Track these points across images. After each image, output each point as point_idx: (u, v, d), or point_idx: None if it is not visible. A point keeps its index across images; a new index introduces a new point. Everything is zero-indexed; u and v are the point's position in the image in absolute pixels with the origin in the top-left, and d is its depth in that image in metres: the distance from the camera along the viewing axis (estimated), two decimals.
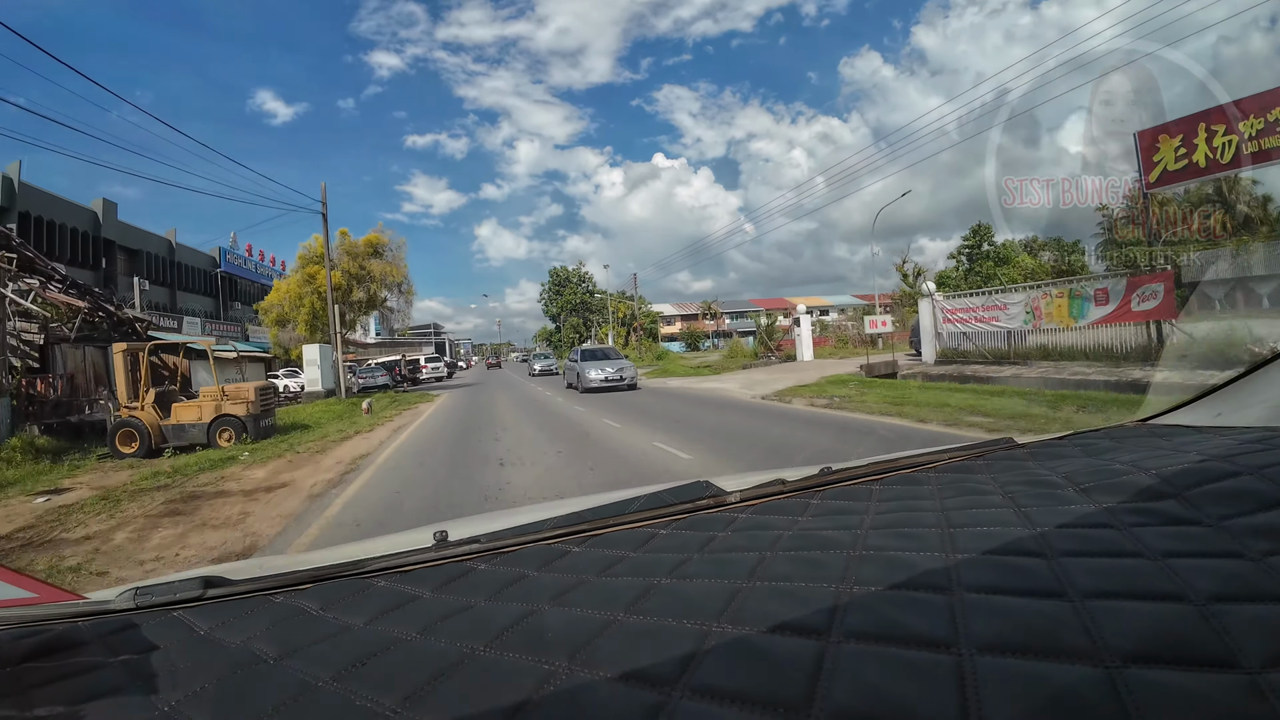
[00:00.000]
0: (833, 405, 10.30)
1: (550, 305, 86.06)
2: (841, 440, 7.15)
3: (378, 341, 79.69)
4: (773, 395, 12.36)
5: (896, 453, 1.01)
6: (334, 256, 22.02)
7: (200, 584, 0.71)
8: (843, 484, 0.86)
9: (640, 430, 8.93)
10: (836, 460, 1.03)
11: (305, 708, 0.45)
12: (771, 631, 0.45)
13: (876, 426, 7.95)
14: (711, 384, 16.98)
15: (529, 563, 0.69)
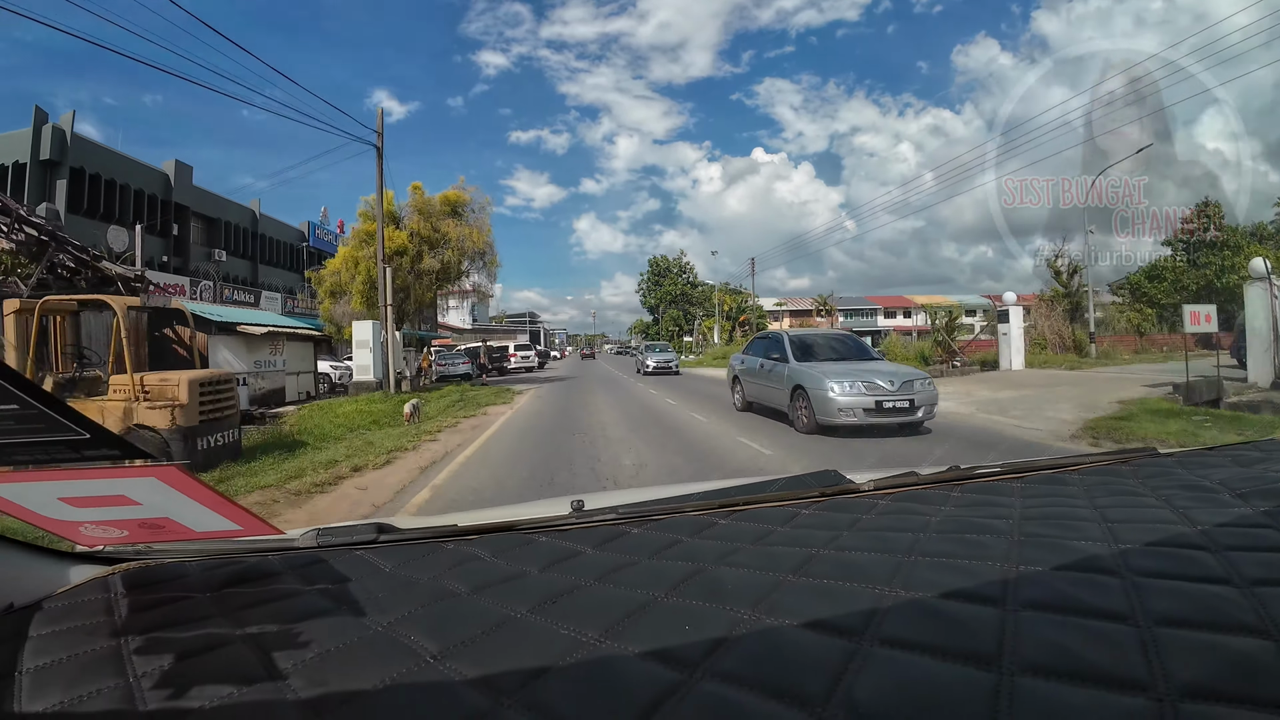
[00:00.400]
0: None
1: (648, 296, 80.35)
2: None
3: (473, 328, 77.86)
4: (1078, 432, 7.02)
5: (1032, 456, 1.06)
6: (402, 215, 17.08)
7: (374, 529, 0.78)
8: (981, 480, 0.89)
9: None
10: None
11: (512, 633, 0.50)
12: (945, 597, 0.49)
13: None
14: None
15: (680, 530, 0.73)
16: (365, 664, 0.47)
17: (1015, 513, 0.70)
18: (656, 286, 78.76)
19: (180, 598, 0.61)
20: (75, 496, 0.50)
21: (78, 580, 0.65)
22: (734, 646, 0.46)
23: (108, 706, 0.45)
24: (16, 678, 0.48)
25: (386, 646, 0.49)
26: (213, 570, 0.66)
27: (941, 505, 0.77)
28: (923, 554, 0.58)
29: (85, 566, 0.67)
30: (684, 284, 78.07)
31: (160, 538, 0.58)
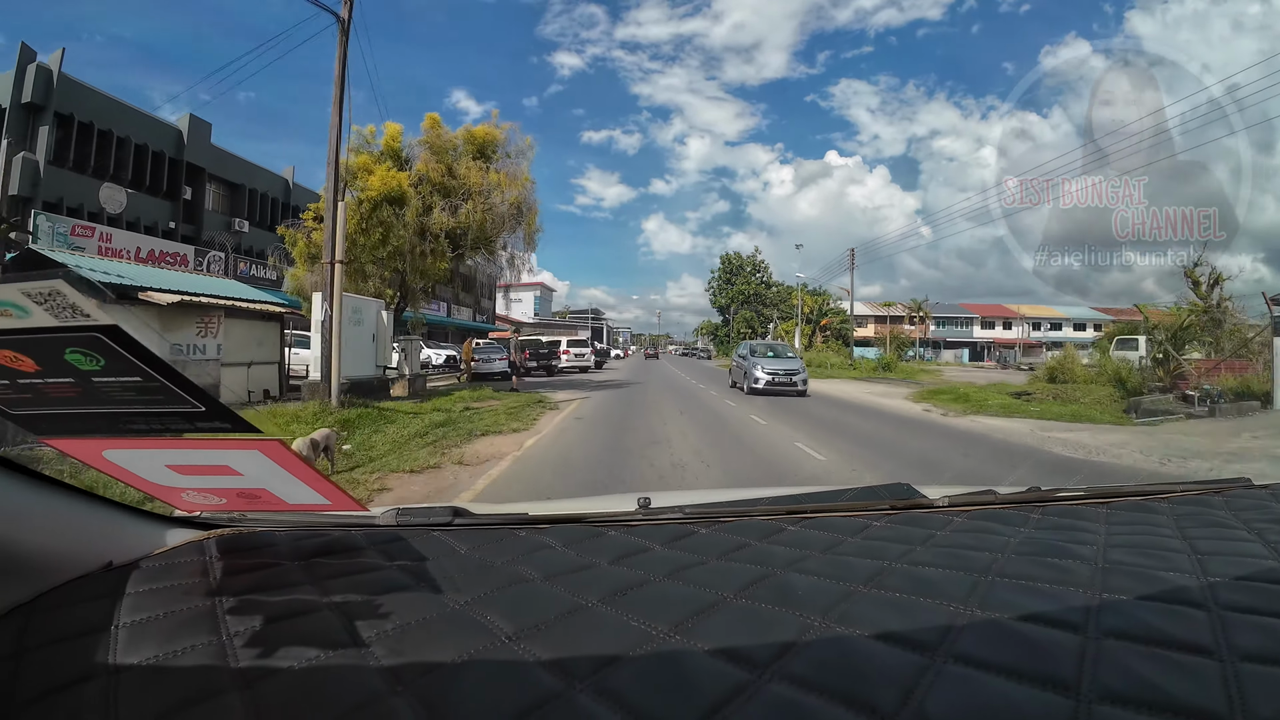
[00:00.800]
0: None
1: (718, 295, 74.19)
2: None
3: (535, 322, 73.60)
4: None
5: (1117, 483, 1.06)
6: (410, 156, 12.25)
7: (450, 512, 0.81)
8: (1063, 503, 0.87)
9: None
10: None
11: (584, 621, 0.51)
12: (1024, 619, 0.48)
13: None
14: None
15: (749, 533, 0.73)
16: (443, 639, 0.49)
17: (1100, 539, 0.69)
18: (728, 285, 72.47)
19: (271, 564, 0.64)
20: (182, 464, 0.54)
21: (173, 543, 0.68)
22: (804, 651, 0.46)
23: (201, 662, 0.47)
24: (113, 631, 0.51)
25: (463, 624, 0.51)
26: (301, 540, 0.70)
27: (1020, 526, 0.76)
28: (1001, 574, 0.58)
29: (181, 530, 0.70)
30: (757, 283, 71.62)
31: (255, 507, 0.63)
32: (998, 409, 11.12)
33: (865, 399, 13.85)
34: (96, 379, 0.41)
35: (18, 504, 0.56)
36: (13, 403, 0.43)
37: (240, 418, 0.46)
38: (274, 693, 0.43)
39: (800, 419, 9.28)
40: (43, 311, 0.36)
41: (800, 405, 11.56)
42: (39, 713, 0.45)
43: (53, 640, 0.51)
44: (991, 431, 8.64)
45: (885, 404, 12.48)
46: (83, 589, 0.57)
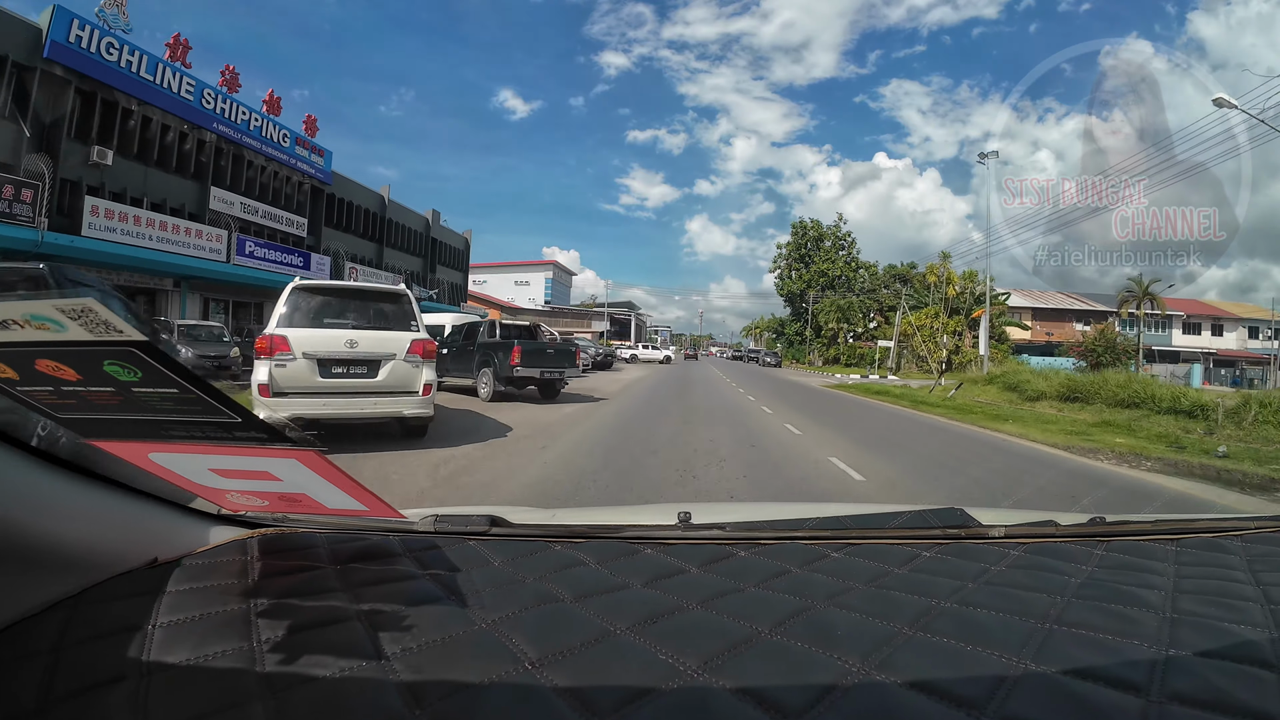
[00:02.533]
0: None
1: (788, 278, 53.24)
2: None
3: (549, 309, 55.26)
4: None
5: (1188, 514, 1.03)
6: None
7: (487, 521, 0.81)
8: (1129, 538, 0.84)
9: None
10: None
11: (610, 650, 0.51)
12: (1082, 677, 0.46)
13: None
14: None
15: (790, 558, 0.72)
16: (466, 660, 0.50)
17: (1169, 583, 0.66)
18: (802, 264, 51.19)
19: (308, 567, 0.66)
20: (225, 469, 0.56)
21: (218, 540, 0.70)
22: (839, 700, 0.44)
23: (230, 666, 0.48)
24: (149, 631, 0.52)
25: (488, 645, 0.52)
26: (339, 544, 0.72)
27: (1083, 564, 0.72)
28: (1059, 622, 0.55)
29: (226, 528, 0.73)
30: (843, 263, 50.69)
31: (296, 509, 0.65)
32: None
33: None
34: (136, 389, 0.43)
35: (65, 499, 0.58)
36: (58, 407, 0.46)
37: (276, 430, 0.49)
38: (298, 704, 0.45)
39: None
40: (77, 326, 0.38)
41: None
42: (73, 710, 0.46)
43: (92, 637, 0.52)
44: None
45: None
46: (126, 585, 0.59)
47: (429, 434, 6.08)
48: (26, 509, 0.54)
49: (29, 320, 0.38)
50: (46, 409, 0.47)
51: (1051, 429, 9.95)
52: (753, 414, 10.56)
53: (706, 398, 13.65)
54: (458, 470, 4.93)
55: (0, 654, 0.52)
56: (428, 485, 4.40)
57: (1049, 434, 9.32)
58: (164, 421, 0.47)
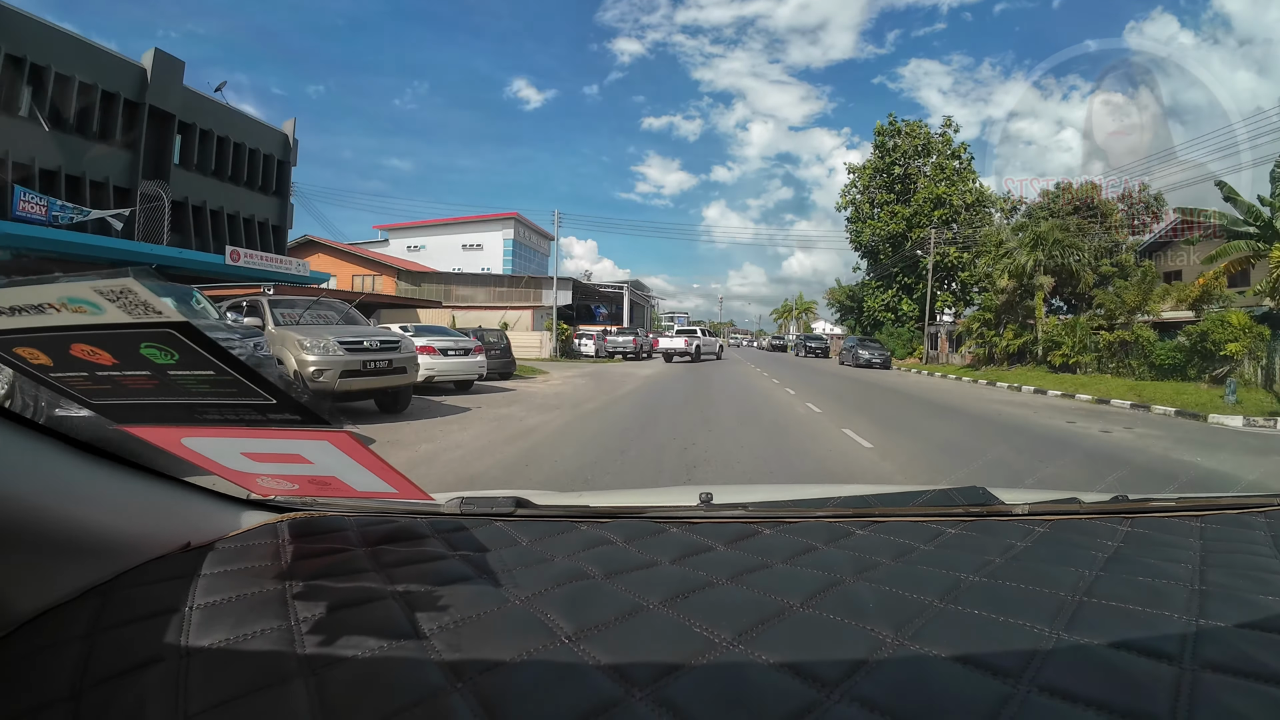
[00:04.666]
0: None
1: (863, 220, 30.71)
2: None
3: (504, 282, 34.34)
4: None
5: (1211, 492, 1.12)
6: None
7: (513, 503, 0.84)
8: (1154, 515, 0.86)
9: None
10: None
11: (645, 624, 0.53)
12: (1116, 647, 0.48)
13: None
14: None
15: (814, 536, 0.74)
16: (504, 636, 0.51)
17: (1194, 557, 0.68)
18: (892, 194, 28.82)
19: (340, 549, 0.68)
20: (257, 452, 0.58)
21: (249, 524, 0.73)
22: (875, 671, 0.46)
23: (269, 647, 0.50)
24: (186, 613, 0.54)
25: (524, 621, 0.54)
26: (369, 526, 0.75)
27: (1108, 540, 0.74)
28: (1088, 594, 0.57)
29: (256, 512, 0.76)
30: (967, 191, 28.81)
31: (325, 493, 0.66)
32: None
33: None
34: (172, 371, 0.44)
35: (96, 486, 0.60)
36: (92, 393, 0.47)
37: (310, 411, 0.50)
38: (337, 681, 0.46)
39: None
40: (115, 309, 0.38)
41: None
42: (108, 693, 0.47)
43: (127, 620, 0.54)
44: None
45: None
46: (160, 569, 0.61)
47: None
48: (58, 497, 0.56)
49: (65, 303, 0.38)
50: (80, 395, 0.48)
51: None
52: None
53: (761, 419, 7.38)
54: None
55: (35, 640, 0.54)
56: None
57: None
58: (198, 405, 0.49)
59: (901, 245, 32.82)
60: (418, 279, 31.65)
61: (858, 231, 35.73)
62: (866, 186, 35.33)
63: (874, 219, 34.71)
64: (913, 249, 31.96)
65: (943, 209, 32.24)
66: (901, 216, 32.96)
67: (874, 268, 35.51)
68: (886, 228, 33.55)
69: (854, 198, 36.15)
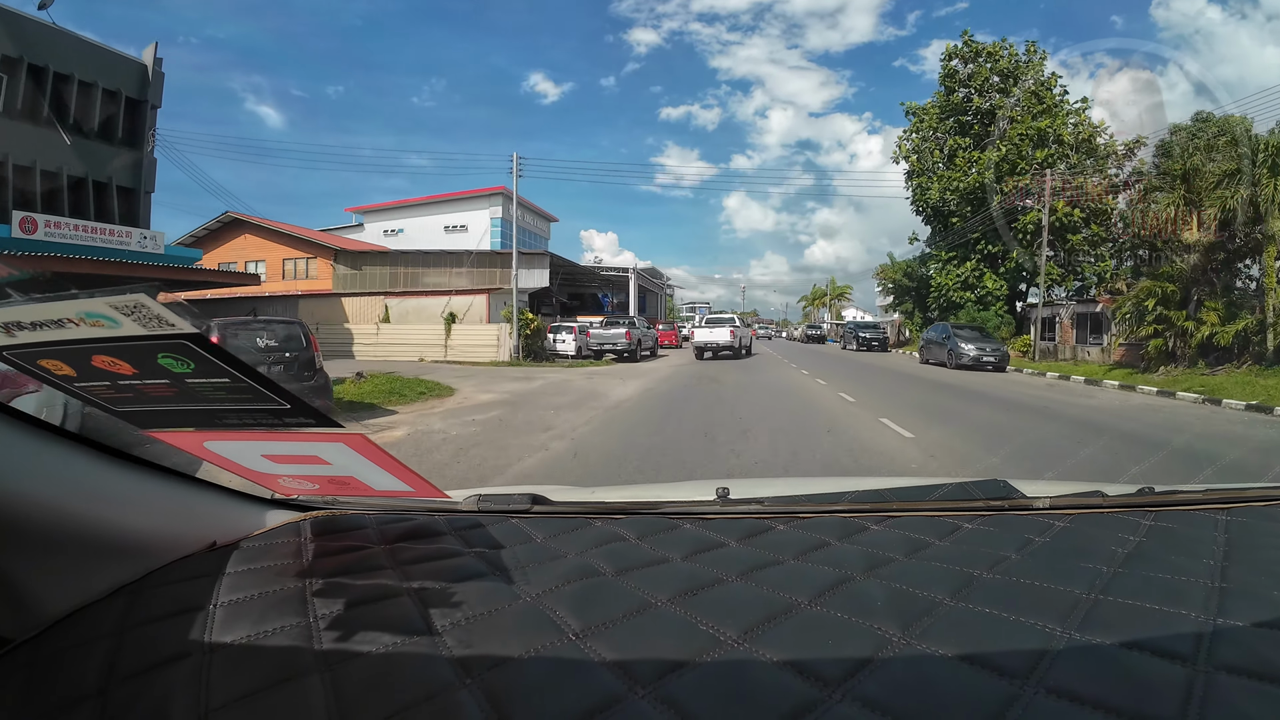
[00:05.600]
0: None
1: (929, 173, 20.93)
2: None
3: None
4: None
5: (1239, 483, 1.02)
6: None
7: (529, 499, 0.84)
8: (1178, 508, 0.84)
9: None
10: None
11: (651, 621, 0.54)
12: (1128, 647, 0.47)
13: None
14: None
15: (828, 531, 0.74)
16: (513, 632, 0.53)
17: (1218, 553, 0.66)
18: (968, 140, 18.50)
19: (359, 547, 0.70)
20: (276, 454, 0.60)
21: (273, 524, 0.76)
22: (879, 670, 0.46)
23: (288, 642, 0.52)
24: (211, 610, 0.56)
25: (533, 618, 0.55)
26: (387, 524, 0.76)
27: (1130, 534, 0.72)
28: (1104, 592, 0.56)
29: (280, 512, 0.78)
30: (1076, 121, 19.76)
31: (345, 492, 0.68)
32: None
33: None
34: (189, 380, 0.46)
35: (125, 489, 0.63)
36: (115, 401, 0.50)
37: (324, 414, 0.52)
38: (351, 677, 0.48)
39: None
40: (131, 322, 0.40)
41: None
42: (135, 689, 0.49)
43: (154, 618, 0.57)
44: None
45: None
46: (186, 568, 0.64)
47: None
48: (89, 501, 0.59)
49: (83, 318, 0.41)
50: (104, 403, 0.50)
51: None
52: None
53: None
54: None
55: (66, 638, 0.56)
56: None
57: None
58: (217, 410, 0.51)
59: (983, 203, 25.17)
60: (357, 260, 25.45)
61: (922, 188, 27.73)
62: (933, 129, 27.64)
63: (946, 170, 26.74)
64: (1008, 203, 23.88)
65: (1045, 149, 24.42)
66: (985, 164, 25.26)
67: (942, 235, 27.99)
68: (963, 180, 25.91)
69: (915, 145, 28.53)
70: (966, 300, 26.47)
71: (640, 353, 20.61)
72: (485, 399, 10.40)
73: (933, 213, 28.08)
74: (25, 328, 0.42)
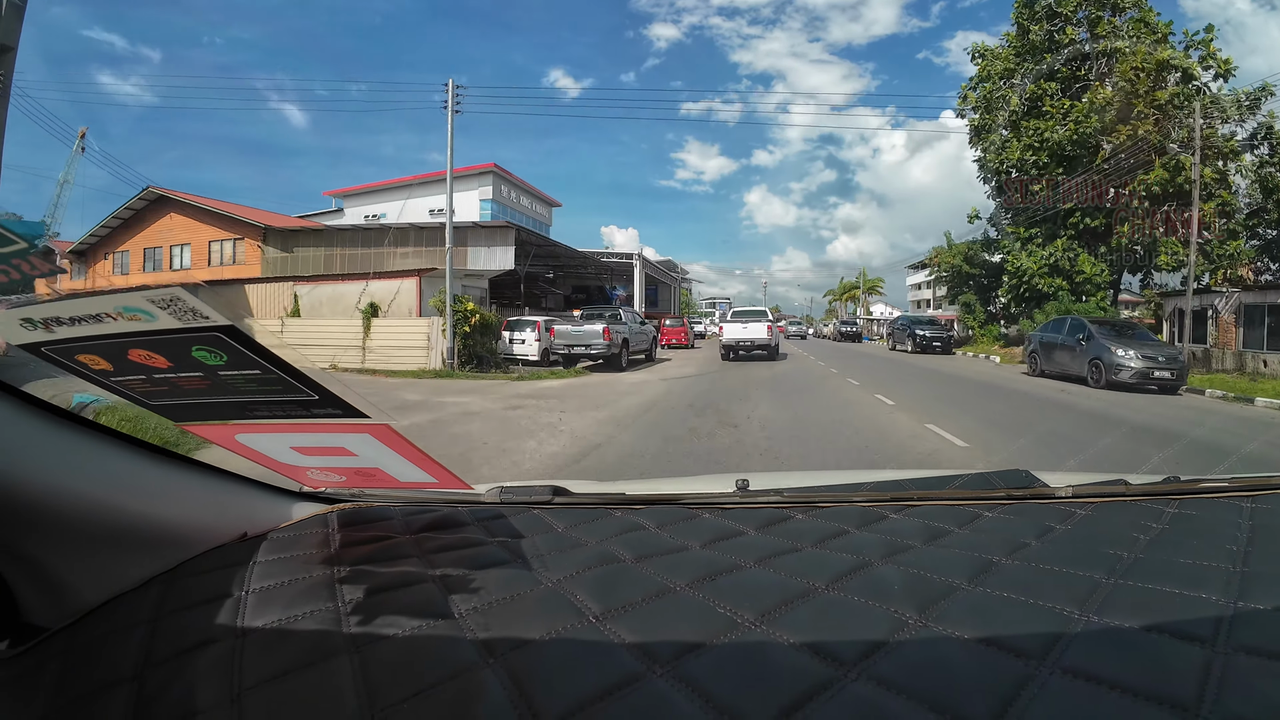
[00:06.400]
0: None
1: (1005, 128, 13.52)
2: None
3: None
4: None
5: (1265, 472, 1.00)
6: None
7: (550, 491, 0.87)
8: (1203, 496, 0.85)
9: None
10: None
11: (671, 605, 0.55)
12: (1147, 630, 0.48)
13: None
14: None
15: (847, 520, 0.75)
16: (534, 615, 0.55)
17: (1241, 539, 0.66)
18: (1056, 85, 10.96)
19: (385, 537, 0.72)
20: (304, 446, 0.62)
21: (300, 515, 0.78)
22: (894, 651, 0.47)
23: (317, 627, 0.54)
24: (242, 597, 0.58)
25: (554, 602, 0.57)
26: (413, 515, 0.78)
27: (1153, 522, 0.72)
28: (1125, 577, 0.57)
29: (307, 504, 0.81)
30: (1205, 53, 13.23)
31: (371, 484, 0.71)
32: None
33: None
34: (222, 372, 0.48)
35: (159, 482, 0.65)
36: (151, 394, 0.51)
37: (350, 405, 0.54)
38: (379, 658, 0.50)
39: None
40: (167, 315, 0.42)
41: None
42: (170, 672, 0.52)
43: (188, 605, 0.59)
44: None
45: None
46: (218, 558, 0.66)
47: None
48: (124, 493, 0.61)
49: (121, 313, 0.42)
50: (139, 397, 0.52)
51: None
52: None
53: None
54: None
55: (103, 625, 0.59)
56: None
57: None
58: (248, 403, 0.53)
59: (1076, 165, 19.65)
60: (289, 240, 21.24)
61: (995, 147, 22.05)
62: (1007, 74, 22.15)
63: (1031, 120, 21.19)
64: (1124, 153, 18.46)
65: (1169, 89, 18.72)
66: (1084, 110, 20.09)
67: (1019, 209, 22.36)
68: (1056, 133, 20.64)
69: (985, 94, 22.89)
70: (1058, 289, 20.78)
71: (631, 356, 14.90)
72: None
73: (1006, 180, 21.92)
74: (64, 323, 0.43)
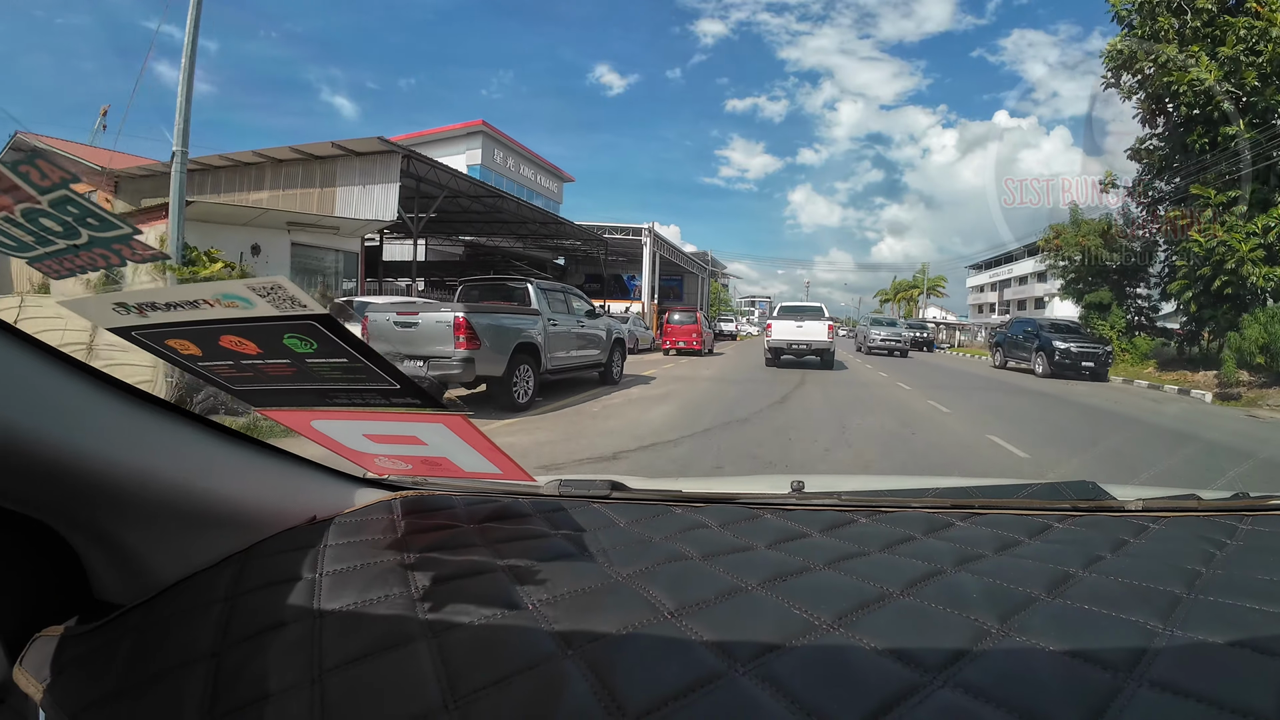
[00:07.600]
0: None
1: (1184, 37, 13.65)
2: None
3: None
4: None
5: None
6: None
7: (609, 486, 0.89)
8: (1274, 513, 0.85)
9: None
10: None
11: (745, 604, 0.55)
12: (1233, 646, 0.48)
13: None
14: None
15: (913, 526, 0.76)
16: (609, 609, 0.55)
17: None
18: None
19: (450, 525, 0.74)
20: (377, 434, 0.63)
21: (363, 501, 0.80)
22: (980, 659, 0.47)
23: (394, 611, 0.55)
24: (317, 579, 0.60)
25: (626, 596, 0.57)
26: (475, 505, 0.80)
27: (1227, 539, 0.72)
28: (1204, 593, 0.57)
29: (371, 490, 0.83)
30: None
31: (435, 473, 0.71)
32: None
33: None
34: (310, 360, 0.49)
35: (237, 465, 0.68)
36: (235, 379, 0.53)
37: (429, 395, 0.55)
38: (457, 644, 0.51)
39: None
40: (265, 303, 0.43)
41: None
42: (249, 650, 0.53)
43: (264, 585, 0.61)
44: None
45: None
46: (290, 540, 0.68)
47: None
48: (199, 474, 0.64)
49: (219, 299, 0.43)
50: (224, 382, 0.54)
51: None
52: None
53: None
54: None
55: (179, 602, 0.61)
56: None
57: None
58: (329, 390, 0.54)
59: None
60: (139, 189, 16.16)
61: (1165, 70, 13.96)
62: None
63: (1241, 20, 13.15)
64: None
65: None
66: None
67: (1195, 162, 14.37)
68: (1268, 48, 13.31)
69: (1147, 39, 14.80)
70: (1275, 281, 13.15)
71: (555, 374, 7.95)
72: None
73: (1192, 113, 14.01)
74: (159, 308, 0.44)
